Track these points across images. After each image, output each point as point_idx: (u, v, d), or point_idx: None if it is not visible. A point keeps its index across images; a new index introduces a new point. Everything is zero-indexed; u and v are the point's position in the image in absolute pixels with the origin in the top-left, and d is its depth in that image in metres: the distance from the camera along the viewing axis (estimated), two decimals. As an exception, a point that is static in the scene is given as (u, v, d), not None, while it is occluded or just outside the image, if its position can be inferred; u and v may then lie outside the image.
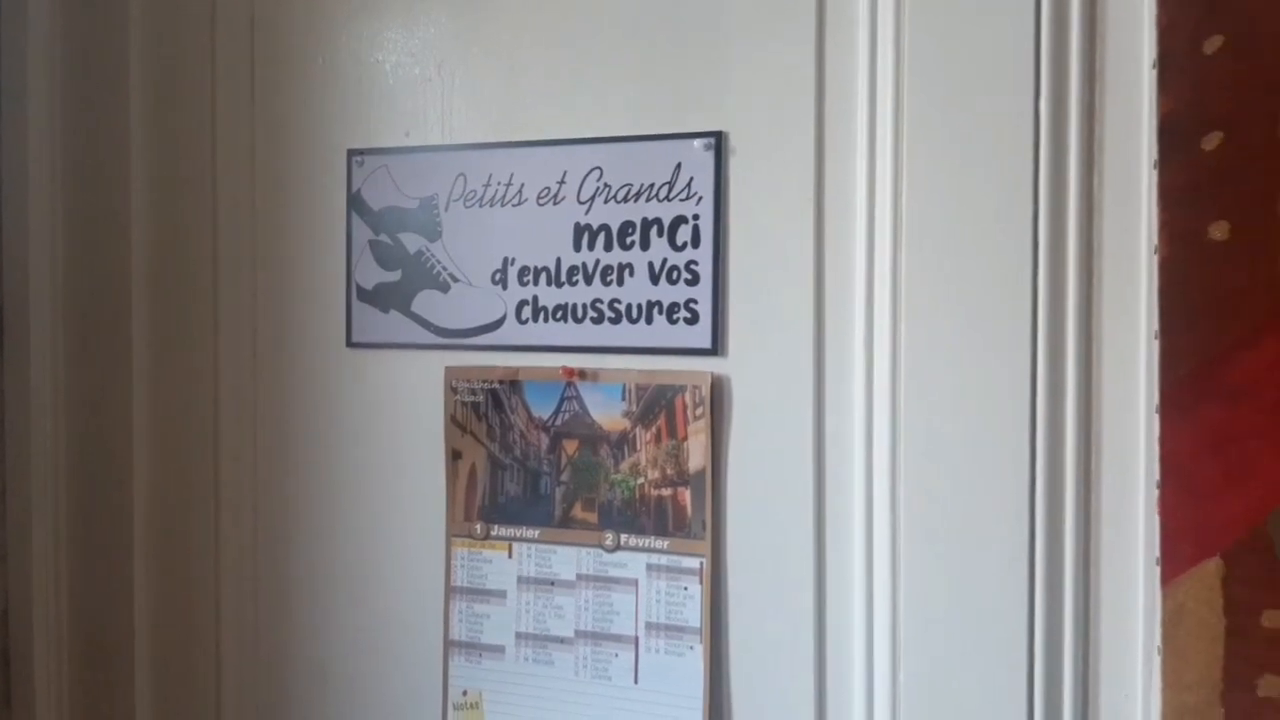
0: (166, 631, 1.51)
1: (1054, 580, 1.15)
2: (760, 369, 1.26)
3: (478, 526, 1.36)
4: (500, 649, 1.35)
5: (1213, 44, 1.04)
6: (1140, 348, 1.12)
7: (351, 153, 1.42)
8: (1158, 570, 1.08)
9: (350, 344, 1.42)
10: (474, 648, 1.36)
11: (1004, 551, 1.16)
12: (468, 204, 1.36)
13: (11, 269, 1.50)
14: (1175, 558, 1.07)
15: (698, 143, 1.27)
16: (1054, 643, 1.15)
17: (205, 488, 1.48)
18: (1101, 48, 1.13)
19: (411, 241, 1.39)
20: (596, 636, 1.31)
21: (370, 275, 1.41)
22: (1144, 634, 1.12)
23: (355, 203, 1.42)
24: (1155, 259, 1.08)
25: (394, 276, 1.40)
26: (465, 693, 1.36)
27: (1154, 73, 1.08)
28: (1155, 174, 1.08)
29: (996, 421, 1.16)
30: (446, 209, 1.37)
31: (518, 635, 1.34)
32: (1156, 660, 1.09)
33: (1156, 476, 1.08)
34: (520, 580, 1.34)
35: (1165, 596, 1.07)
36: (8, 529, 1.53)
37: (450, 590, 1.37)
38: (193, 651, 1.50)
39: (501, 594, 1.35)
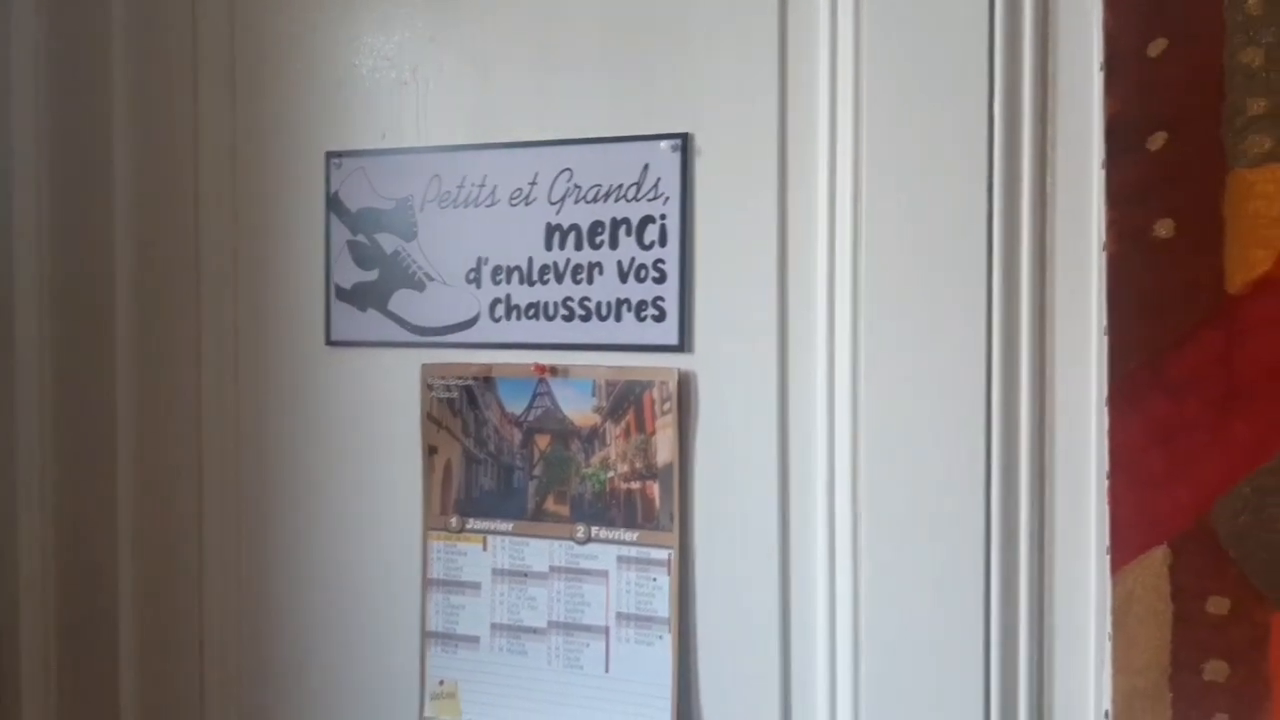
0: (151, 621, 1.54)
1: (1009, 569, 1.18)
2: (726, 365, 1.29)
3: (453, 520, 1.39)
4: (475, 639, 1.38)
5: (1157, 46, 1.07)
6: (1092, 342, 1.14)
7: (329, 155, 1.45)
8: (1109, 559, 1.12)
9: (329, 342, 1.45)
10: (450, 638, 1.39)
11: (961, 541, 1.19)
12: (442, 205, 1.39)
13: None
14: (1124, 546, 1.10)
15: (665, 144, 1.30)
16: (1009, 629, 1.18)
17: (189, 482, 1.52)
18: (1054, 51, 1.16)
19: (388, 242, 1.42)
20: (568, 627, 1.34)
21: (348, 275, 1.44)
22: (1096, 620, 1.15)
23: (334, 204, 1.45)
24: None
25: (371, 276, 1.43)
26: (442, 682, 1.40)
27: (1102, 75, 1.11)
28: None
29: (953, 415, 1.19)
30: (422, 209, 1.40)
31: (492, 626, 1.37)
32: (1108, 646, 1.12)
33: (1107, 468, 1.12)
34: (495, 572, 1.37)
35: (1115, 584, 1.10)
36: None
37: (427, 582, 1.40)
38: (177, 639, 1.53)
39: (476, 586, 1.38)
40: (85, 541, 1.55)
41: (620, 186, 1.32)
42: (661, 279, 1.30)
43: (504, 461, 1.37)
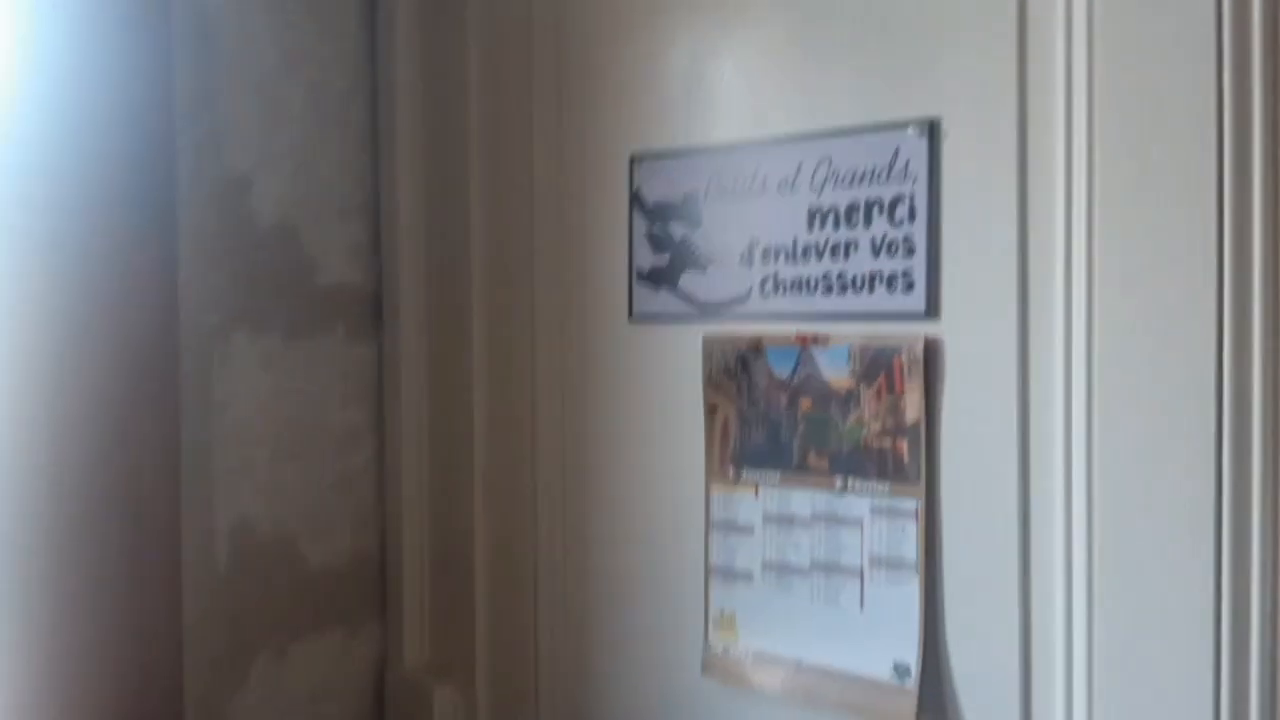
0: (498, 556, 1.87)
1: (1240, 542, 1.20)
2: (969, 331, 1.39)
3: (730, 471, 1.59)
4: (750, 575, 1.57)
5: (1376, 7, 1.07)
6: (1327, 316, 1.16)
7: (633, 157, 1.69)
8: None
9: (631, 318, 1.70)
10: (729, 573, 1.59)
11: (1194, 507, 1.22)
12: (721, 196, 1.59)
13: (389, 274, 1.93)
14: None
15: (913, 129, 1.42)
16: (1241, 603, 1.21)
17: (525, 437, 1.82)
18: (1286, 17, 1.18)
19: (677, 230, 1.64)
20: (828, 568, 1.50)
21: (646, 259, 1.67)
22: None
23: (635, 199, 1.69)
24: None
25: (664, 260, 1.65)
26: (723, 611, 1.60)
27: (1327, 38, 1.12)
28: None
29: (1187, 386, 1.23)
30: (704, 201, 1.61)
31: (763, 564, 1.56)
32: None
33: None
34: (765, 517, 1.56)
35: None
36: (386, 475, 1.95)
37: (710, 524, 1.61)
38: (516, 573, 1.84)
39: (750, 529, 1.57)
40: (450, 489, 1.90)
41: (873, 170, 1.45)
42: (910, 253, 1.43)
43: (772, 420, 1.55)
